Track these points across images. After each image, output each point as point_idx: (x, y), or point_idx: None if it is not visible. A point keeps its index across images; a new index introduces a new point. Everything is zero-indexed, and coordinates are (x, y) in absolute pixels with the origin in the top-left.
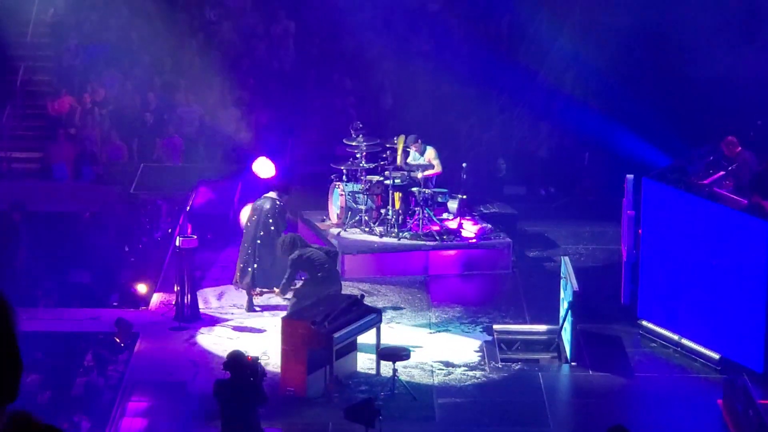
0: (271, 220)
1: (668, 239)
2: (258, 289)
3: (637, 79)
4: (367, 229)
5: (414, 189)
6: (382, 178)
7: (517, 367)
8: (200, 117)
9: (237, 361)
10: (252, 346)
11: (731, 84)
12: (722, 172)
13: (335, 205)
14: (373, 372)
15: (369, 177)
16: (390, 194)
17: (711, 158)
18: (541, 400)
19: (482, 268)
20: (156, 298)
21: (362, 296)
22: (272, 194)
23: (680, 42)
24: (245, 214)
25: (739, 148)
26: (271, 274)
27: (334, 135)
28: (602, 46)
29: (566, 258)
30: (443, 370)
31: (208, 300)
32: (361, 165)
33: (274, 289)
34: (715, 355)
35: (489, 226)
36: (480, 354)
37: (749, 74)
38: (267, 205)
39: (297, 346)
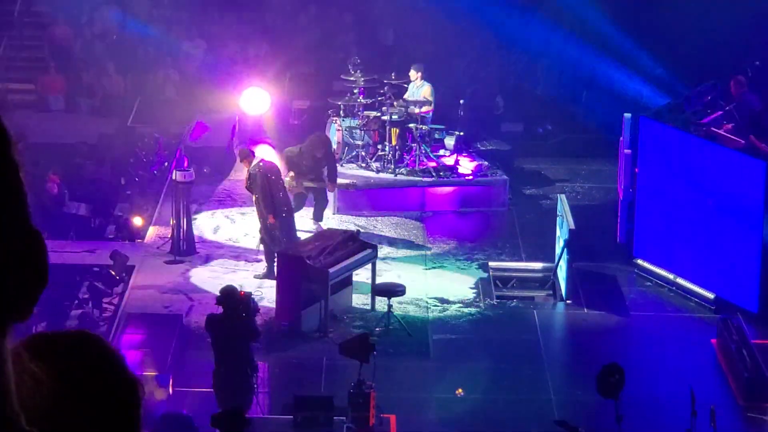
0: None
1: (665, 178)
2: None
3: (635, 16)
4: (363, 165)
5: (411, 125)
6: (379, 114)
7: (512, 305)
8: (204, 51)
9: (229, 296)
10: (247, 281)
11: (730, 22)
12: (720, 112)
13: (332, 141)
14: (368, 307)
15: (366, 113)
16: (387, 130)
17: (709, 98)
18: (536, 337)
19: (478, 205)
20: (152, 232)
21: (358, 232)
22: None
23: None
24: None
25: (744, 90)
26: None
27: (332, 70)
28: None
29: (563, 196)
30: (438, 306)
31: (204, 234)
32: (358, 100)
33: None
34: (710, 295)
35: (486, 163)
36: (475, 291)
37: (749, 12)
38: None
39: (292, 280)
